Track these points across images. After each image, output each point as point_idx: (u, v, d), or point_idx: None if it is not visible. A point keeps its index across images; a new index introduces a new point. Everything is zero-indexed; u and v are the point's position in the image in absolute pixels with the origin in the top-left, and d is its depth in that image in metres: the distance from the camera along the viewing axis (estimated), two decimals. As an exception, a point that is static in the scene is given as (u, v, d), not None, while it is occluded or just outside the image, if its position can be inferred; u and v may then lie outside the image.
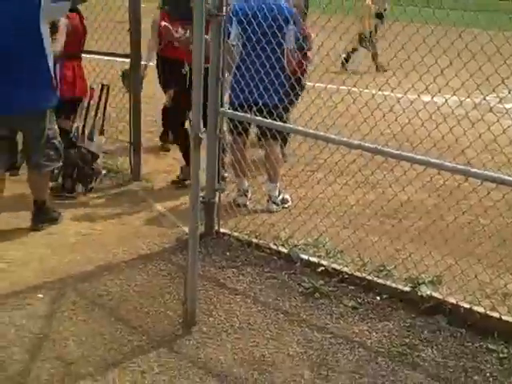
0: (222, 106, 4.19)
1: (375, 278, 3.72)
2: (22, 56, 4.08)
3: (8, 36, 4.01)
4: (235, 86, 4.70)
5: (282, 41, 4.55)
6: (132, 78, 5.44)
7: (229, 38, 4.63)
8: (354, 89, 4.00)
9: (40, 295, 3.57)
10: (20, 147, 4.50)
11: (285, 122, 4.59)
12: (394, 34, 3.88)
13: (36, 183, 4.51)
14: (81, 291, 3.64)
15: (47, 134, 4.34)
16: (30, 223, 4.49)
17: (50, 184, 4.86)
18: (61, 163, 4.68)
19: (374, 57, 12.66)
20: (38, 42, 4.10)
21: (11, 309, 3.40)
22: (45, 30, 4.14)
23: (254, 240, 4.23)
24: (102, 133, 5.53)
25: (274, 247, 4.13)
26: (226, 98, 4.69)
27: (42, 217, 4.52)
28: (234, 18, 4.64)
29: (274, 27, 4.34)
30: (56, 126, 4.48)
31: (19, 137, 4.44)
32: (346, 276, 3.78)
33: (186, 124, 5.38)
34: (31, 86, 4.15)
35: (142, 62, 5.58)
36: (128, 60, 5.42)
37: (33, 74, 4.15)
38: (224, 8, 3.94)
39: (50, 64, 4.23)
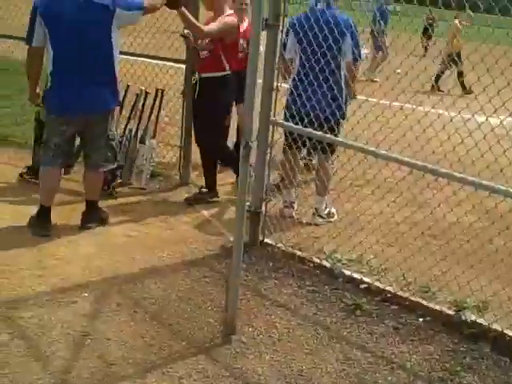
0: (274, 115, 4.22)
1: (418, 299, 3.67)
2: (92, 59, 4.24)
3: (81, 40, 4.17)
4: (289, 98, 4.71)
5: (338, 53, 4.54)
6: (186, 84, 5.52)
7: (285, 49, 4.67)
8: (407, 105, 3.97)
9: (85, 294, 3.65)
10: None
11: (335, 135, 4.58)
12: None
13: (91, 183, 4.62)
14: (125, 292, 3.71)
15: (108, 134, 4.47)
16: (79, 222, 4.59)
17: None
18: (115, 165, 4.79)
19: (459, 76, 12.46)
20: (108, 46, 4.27)
21: (57, 305, 3.49)
22: (115, 35, 4.30)
23: (298, 252, 4.23)
24: (154, 136, 5.64)
25: (317, 261, 4.12)
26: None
27: (92, 217, 4.62)
28: (291, 30, 4.66)
29: (330, 39, 4.33)
30: (114, 128, 4.59)
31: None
32: (389, 295, 3.74)
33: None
34: (100, 88, 4.32)
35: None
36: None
37: (102, 76, 4.32)
38: (281, 18, 3.98)
39: (117, 68, 4.39)
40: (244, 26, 5.53)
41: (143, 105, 5.64)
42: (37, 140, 5.35)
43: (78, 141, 4.73)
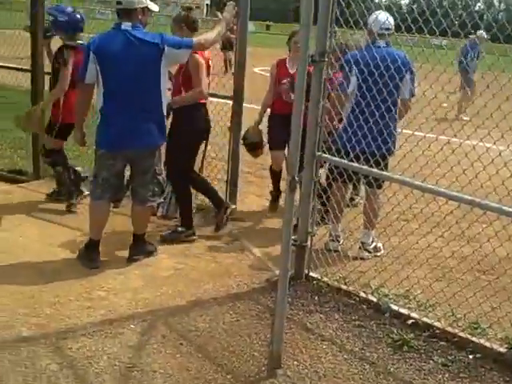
0: (319, 149, 4.23)
1: (468, 336, 3.59)
2: (141, 96, 4.36)
3: (130, 78, 4.31)
4: (343, 133, 4.73)
5: (394, 90, 4.53)
6: (232, 120, 5.60)
7: (346, 84, 4.71)
8: (453, 139, 3.93)
9: (132, 325, 3.69)
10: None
11: (381, 169, 4.56)
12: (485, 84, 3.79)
13: (138, 216, 4.71)
14: (171, 325, 3.74)
15: (154, 169, 4.56)
16: (127, 254, 4.67)
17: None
18: (162, 199, 4.87)
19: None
20: (156, 84, 4.38)
21: (105, 336, 3.54)
22: (164, 73, 4.42)
23: (344, 286, 4.20)
24: (200, 170, 5.71)
25: (364, 295, 4.08)
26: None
27: (139, 249, 4.70)
28: (347, 67, 4.69)
29: (386, 76, 4.34)
30: (161, 164, 4.68)
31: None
32: (437, 331, 3.66)
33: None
34: (148, 125, 4.43)
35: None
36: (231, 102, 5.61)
37: (150, 113, 4.43)
38: (327, 55, 4.03)
39: (164, 106, 4.50)
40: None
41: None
42: (54, 165, 5.87)
43: (127, 175, 4.85)
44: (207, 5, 48.54)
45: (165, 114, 4.55)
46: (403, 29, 4.37)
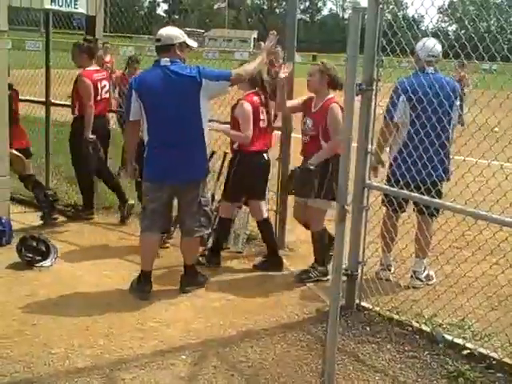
0: (369, 178, 4.22)
1: (527, 367, 3.47)
2: (182, 130, 4.46)
3: (172, 112, 4.41)
4: (393, 161, 4.70)
5: (444, 116, 4.50)
6: (282, 150, 5.64)
7: (392, 113, 4.69)
8: (507, 164, 3.86)
9: (184, 356, 3.72)
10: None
11: (433, 196, 4.50)
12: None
13: (187, 248, 4.76)
14: (222, 355, 3.74)
15: (200, 200, 4.61)
16: (178, 285, 4.71)
17: (201, 248, 5.12)
18: (210, 230, 4.92)
19: None
20: (197, 117, 4.47)
21: (157, 367, 3.57)
22: (204, 106, 4.49)
23: (396, 316, 4.13)
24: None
25: (416, 325, 4.00)
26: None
27: (191, 280, 4.74)
28: (402, 95, 4.68)
29: (435, 103, 4.31)
30: (209, 195, 4.73)
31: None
32: (494, 362, 3.56)
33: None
34: (190, 158, 4.51)
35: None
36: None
37: (192, 146, 4.51)
38: (374, 83, 4.04)
39: (206, 138, 4.57)
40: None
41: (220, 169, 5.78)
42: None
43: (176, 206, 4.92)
44: (255, 38, 49.19)
45: (207, 145, 4.61)
46: (451, 55, 4.36)
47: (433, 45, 4.71)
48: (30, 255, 5.10)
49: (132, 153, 4.83)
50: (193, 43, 4.70)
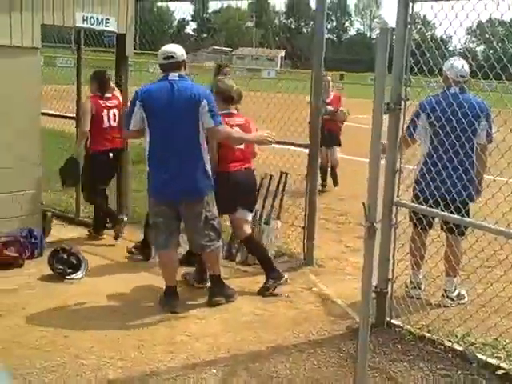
0: (398, 195, 4.21)
1: (563, 388, 3.41)
2: (185, 145, 4.52)
3: (172, 127, 4.46)
4: (421, 179, 4.69)
5: (472, 136, 4.49)
6: (310, 167, 5.66)
7: (413, 131, 4.70)
8: (538, 183, 3.84)
9: (213, 370, 3.72)
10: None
11: (462, 215, 4.47)
12: None
13: (207, 260, 4.82)
14: (252, 370, 3.74)
15: (205, 215, 4.61)
16: (207, 299, 4.73)
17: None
18: (221, 243, 4.91)
19: None
20: (195, 134, 4.52)
21: (187, 381, 3.58)
22: (202, 125, 4.53)
23: (427, 334, 4.09)
24: (278, 217, 5.78)
25: (449, 344, 3.96)
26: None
27: (219, 291, 4.76)
28: (422, 114, 4.69)
29: (464, 123, 4.31)
30: (215, 209, 4.72)
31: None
32: (529, 382, 3.51)
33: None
34: (190, 175, 4.53)
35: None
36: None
37: (192, 162, 4.54)
38: (402, 102, 4.06)
39: (205, 155, 4.59)
40: None
41: (268, 187, 5.83)
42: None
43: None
44: (282, 57, 49.42)
45: (207, 165, 4.60)
46: (479, 75, 4.35)
47: (461, 65, 4.72)
48: (61, 267, 5.18)
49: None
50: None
